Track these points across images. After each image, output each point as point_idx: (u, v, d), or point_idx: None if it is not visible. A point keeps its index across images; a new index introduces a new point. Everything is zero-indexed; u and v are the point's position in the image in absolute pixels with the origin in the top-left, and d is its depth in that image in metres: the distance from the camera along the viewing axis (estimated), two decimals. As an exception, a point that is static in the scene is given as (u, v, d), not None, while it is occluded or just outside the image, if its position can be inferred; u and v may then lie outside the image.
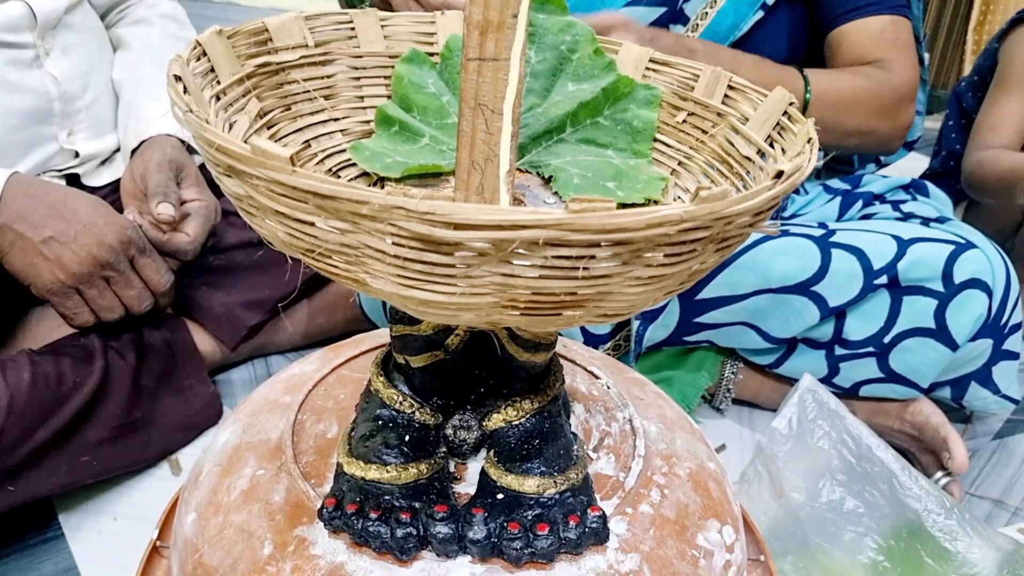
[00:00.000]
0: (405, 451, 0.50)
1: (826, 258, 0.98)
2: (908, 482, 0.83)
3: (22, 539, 0.90)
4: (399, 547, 0.47)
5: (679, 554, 0.52)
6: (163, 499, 0.71)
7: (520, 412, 0.51)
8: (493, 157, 0.41)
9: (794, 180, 0.39)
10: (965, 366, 1.03)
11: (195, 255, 0.99)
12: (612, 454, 0.57)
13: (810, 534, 0.82)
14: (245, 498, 0.53)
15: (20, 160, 0.99)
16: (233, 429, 0.60)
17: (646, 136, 0.57)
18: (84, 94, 1.04)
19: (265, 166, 0.35)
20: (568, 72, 0.58)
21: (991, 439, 1.14)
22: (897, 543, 0.81)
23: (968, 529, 0.81)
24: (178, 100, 0.39)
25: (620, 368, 0.70)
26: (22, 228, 0.86)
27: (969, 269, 0.96)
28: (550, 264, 0.34)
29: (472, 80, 0.40)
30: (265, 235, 0.40)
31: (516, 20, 0.39)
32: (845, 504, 0.83)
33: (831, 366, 1.04)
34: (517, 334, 0.49)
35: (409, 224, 0.33)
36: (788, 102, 0.50)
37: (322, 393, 0.63)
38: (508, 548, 0.47)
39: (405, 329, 0.50)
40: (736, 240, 0.40)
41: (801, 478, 0.85)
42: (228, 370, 1.17)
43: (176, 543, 0.57)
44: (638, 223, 0.33)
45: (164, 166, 0.97)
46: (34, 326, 1.03)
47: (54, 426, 0.86)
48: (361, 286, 0.38)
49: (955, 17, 2.74)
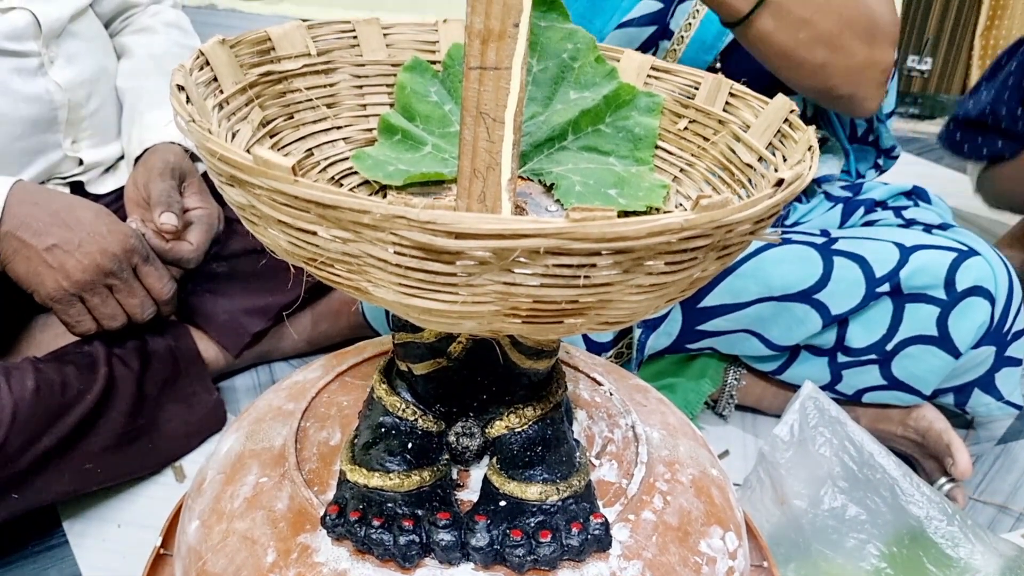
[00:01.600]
0: (408, 458, 0.50)
1: (828, 266, 0.98)
2: (910, 489, 0.83)
3: (26, 546, 0.90)
4: (402, 554, 0.47)
5: (682, 561, 0.52)
6: (167, 506, 0.71)
7: (522, 419, 0.51)
8: (495, 165, 0.41)
9: (795, 188, 0.39)
10: (968, 373, 1.02)
11: (198, 263, 0.99)
12: (615, 461, 0.57)
13: (812, 541, 0.82)
14: (248, 505, 0.54)
15: (25, 168, 0.99)
16: (236, 436, 0.61)
17: (648, 143, 0.57)
18: (88, 102, 1.05)
19: (267, 176, 0.35)
20: (570, 80, 0.58)
21: (995, 444, 1.14)
22: (899, 550, 0.81)
23: (970, 535, 0.81)
24: (181, 110, 0.40)
25: (623, 374, 0.70)
26: (26, 236, 0.86)
27: (972, 276, 0.96)
28: (551, 272, 0.35)
29: (474, 89, 0.40)
30: (268, 244, 0.41)
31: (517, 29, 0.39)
32: (847, 511, 0.83)
33: (834, 373, 1.04)
34: (519, 341, 0.49)
35: (411, 233, 0.33)
36: (789, 109, 0.51)
37: (325, 400, 0.63)
38: (511, 555, 0.47)
39: (408, 337, 0.50)
40: (737, 248, 0.41)
41: (803, 485, 0.85)
42: (232, 377, 1.17)
43: (180, 550, 0.57)
44: (639, 232, 0.34)
45: (167, 174, 0.98)
46: (38, 334, 1.03)
47: (58, 434, 0.86)
48: (363, 295, 0.38)
49: (958, 22, 2.74)
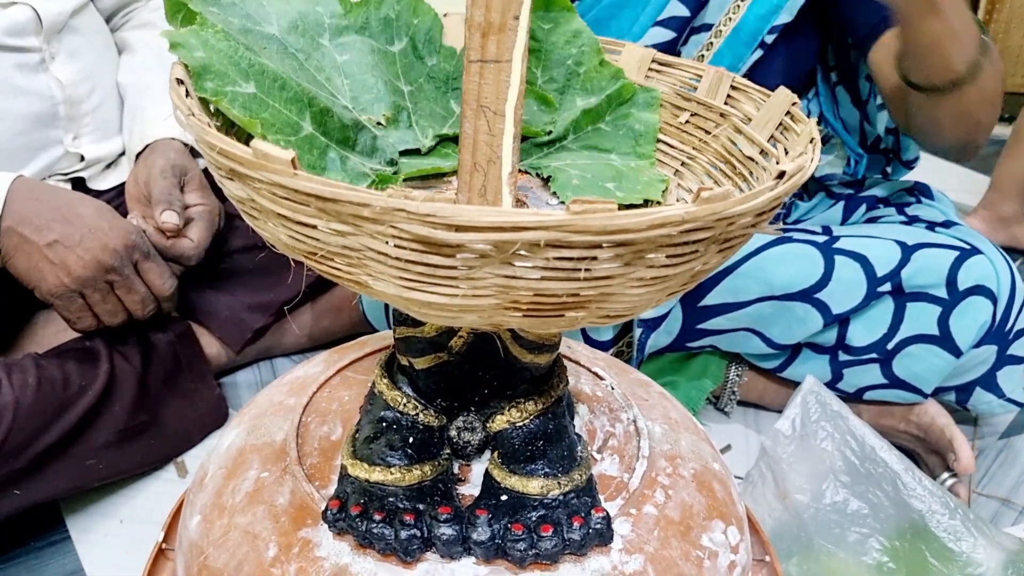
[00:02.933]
0: (409, 453, 0.50)
1: (829, 265, 0.97)
2: (912, 483, 0.83)
3: (29, 542, 0.90)
4: (403, 549, 0.47)
5: (683, 555, 0.51)
6: (169, 502, 0.71)
7: (524, 413, 0.51)
8: (496, 159, 0.41)
9: (796, 180, 0.39)
10: (970, 372, 1.02)
11: (199, 260, 0.99)
12: (616, 455, 0.57)
13: (815, 535, 0.82)
14: (250, 500, 0.54)
15: (26, 164, 0.99)
16: (238, 431, 0.61)
17: (649, 138, 0.56)
18: (90, 98, 1.05)
19: (267, 169, 0.35)
20: (576, 87, 0.58)
21: (998, 439, 1.13)
22: (902, 544, 0.81)
23: (972, 529, 0.81)
24: (180, 104, 0.40)
25: (624, 369, 0.70)
26: (27, 231, 0.86)
27: (974, 275, 0.96)
28: (552, 265, 0.34)
29: (474, 82, 0.40)
30: (268, 238, 0.40)
31: (518, 22, 0.39)
32: (849, 505, 0.83)
33: (835, 372, 1.04)
34: (520, 335, 0.49)
35: (411, 226, 0.33)
36: (791, 102, 0.50)
37: (326, 395, 0.63)
38: (512, 549, 0.47)
39: (408, 331, 0.50)
40: (739, 241, 0.40)
41: (805, 479, 0.85)
42: (233, 373, 1.17)
43: (181, 545, 0.57)
44: (640, 224, 0.33)
45: (168, 171, 0.97)
46: (39, 330, 1.03)
47: (60, 430, 0.86)
48: (363, 288, 0.38)
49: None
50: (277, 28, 0.50)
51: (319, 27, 0.52)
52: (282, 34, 0.50)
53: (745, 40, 1.02)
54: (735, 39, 1.02)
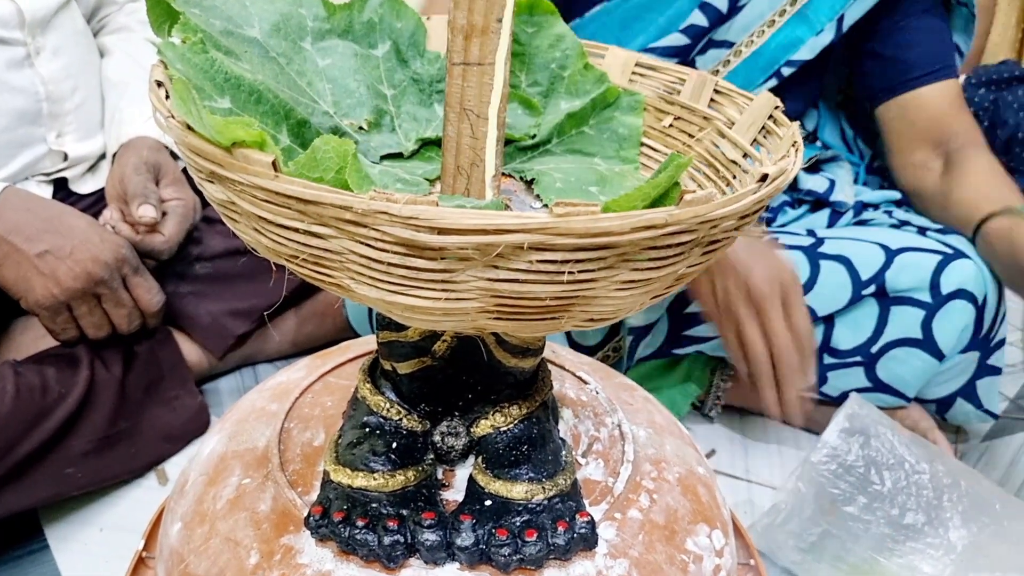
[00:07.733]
0: (392, 458, 0.50)
1: (815, 270, 0.98)
2: (948, 504, 0.84)
3: (7, 551, 0.89)
4: (387, 555, 0.47)
5: (668, 559, 0.51)
6: (150, 510, 0.70)
7: (508, 418, 0.51)
8: (479, 162, 0.41)
9: (779, 183, 0.39)
10: (951, 382, 1.03)
11: (171, 255, 0.98)
12: (601, 459, 0.57)
13: (868, 549, 0.82)
14: (231, 507, 0.53)
15: (9, 161, 0.98)
16: (219, 438, 0.60)
17: (632, 143, 0.56)
18: (73, 95, 1.04)
19: (247, 171, 0.35)
20: (560, 91, 0.58)
21: (980, 441, 1.14)
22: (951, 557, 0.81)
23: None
24: (159, 106, 0.39)
25: (609, 373, 0.70)
26: (17, 241, 0.85)
27: (957, 279, 0.96)
28: (535, 268, 0.34)
29: (457, 85, 0.40)
30: (249, 241, 0.40)
31: (500, 24, 0.39)
32: (904, 518, 0.84)
33: (820, 375, 1.04)
34: (504, 339, 0.49)
35: (393, 229, 0.33)
36: (774, 106, 0.50)
37: (309, 401, 0.62)
38: (496, 555, 0.47)
39: (392, 335, 0.49)
40: (722, 244, 0.40)
41: (853, 493, 0.85)
42: (216, 379, 1.17)
43: (162, 553, 0.56)
44: (623, 227, 0.33)
45: (141, 168, 0.97)
46: (18, 336, 1.02)
47: (39, 437, 0.86)
48: (346, 292, 0.38)
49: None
50: (259, 31, 0.49)
51: (301, 30, 0.52)
52: (264, 37, 0.50)
53: (762, 66, 1.04)
54: (752, 63, 1.04)
